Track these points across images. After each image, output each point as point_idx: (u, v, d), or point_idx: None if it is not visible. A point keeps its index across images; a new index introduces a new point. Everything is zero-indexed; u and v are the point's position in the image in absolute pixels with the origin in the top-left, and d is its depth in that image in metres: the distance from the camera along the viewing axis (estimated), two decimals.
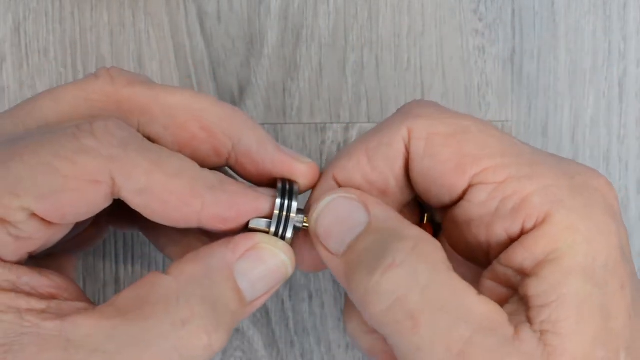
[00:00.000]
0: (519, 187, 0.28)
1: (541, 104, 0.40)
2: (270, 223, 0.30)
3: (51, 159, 0.27)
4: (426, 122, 0.29)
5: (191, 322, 0.27)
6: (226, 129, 0.30)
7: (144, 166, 0.28)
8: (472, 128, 0.29)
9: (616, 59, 0.40)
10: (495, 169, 0.28)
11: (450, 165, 0.28)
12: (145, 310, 0.27)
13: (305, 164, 0.31)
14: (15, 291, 0.27)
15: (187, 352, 0.27)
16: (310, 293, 0.39)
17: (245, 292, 0.29)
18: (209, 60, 0.39)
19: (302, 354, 0.39)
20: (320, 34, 0.39)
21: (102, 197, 0.28)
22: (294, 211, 0.30)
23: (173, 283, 0.28)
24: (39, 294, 0.28)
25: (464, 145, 0.28)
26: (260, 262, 0.29)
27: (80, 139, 0.28)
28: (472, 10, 0.39)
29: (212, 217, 0.29)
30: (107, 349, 0.27)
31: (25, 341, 0.27)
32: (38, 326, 0.27)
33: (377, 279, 0.27)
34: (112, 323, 0.27)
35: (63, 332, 0.27)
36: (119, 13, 0.39)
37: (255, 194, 0.30)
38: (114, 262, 0.39)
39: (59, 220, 0.28)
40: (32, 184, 0.27)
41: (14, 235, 0.27)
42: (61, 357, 0.27)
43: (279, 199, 0.30)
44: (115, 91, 0.30)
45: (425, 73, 0.40)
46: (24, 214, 0.27)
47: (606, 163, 0.40)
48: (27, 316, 0.27)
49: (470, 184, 0.28)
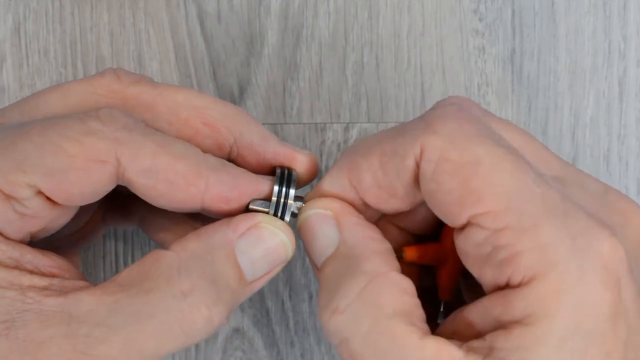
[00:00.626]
0: (513, 240, 0.26)
1: (541, 104, 0.40)
2: (270, 205, 0.30)
3: (58, 139, 0.28)
4: (440, 144, 0.27)
5: (192, 295, 0.28)
6: (228, 124, 0.31)
7: (150, 147, 0.28)
8: (485, 159, 0.27)
9: (616, 59, 0.40)
10: (496, 215, 0.26)
11: (453, 197, 0.27)
12: (147, 284, 0.28)
13: (305, 154, 0.31)
14: (18, 268, 0.28)
15: (188, 325, 0.28)
16: (310, 293, 0.39)
17: (245, 271, 0.29)
18: (209, 60, 0.39)
19: (302, 354, 0.39)
20: (320, 34, 0.39)
21: (107, 178, 0.28)
22: (291, 197, 0.30)
23: (174, 258, 0.29)
24: (41, 272, 0.28)
25: (471, 179, 0.27)
26: (260, 241, 0.30)
27: (87, 122, 0.28)
28: (472, 10, 0.39)
29: (215, 197, 0.29)
30: (109, 323, 0.27)
31: (27, 317, 0.27)
32: (40, 302, 0.27)
33: (326, 320, 0.28)
34: (115, 298, 0.28)
35: (65, 307, 0.27)
36: (119, 13, 0.39)
37: (256, 176, 0.30)
38: (114, 261, 0.39)
39: (64, 200, 0.28)
40: (40, 162, 0.28)
41: (19, 212, 0.28)
42: (64, 332, 0.27)
43: (277, 184, 0.30)
44: (121, 89, 0.30)
45: (425, 73, 0.40)
46: (30, 190, 0.28)
47: (606, 163, 0.40)
48: (30, 293, 0.27)
49: (469, 222, 0.27)
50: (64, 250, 0.33)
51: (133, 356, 0.27)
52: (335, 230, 0.30)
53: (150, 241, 0.39)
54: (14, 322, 0.27)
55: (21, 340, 0.27)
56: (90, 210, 0.34)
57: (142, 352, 0.27)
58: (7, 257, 0.28)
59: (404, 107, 0.39)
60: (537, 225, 0.26)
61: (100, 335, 0.27)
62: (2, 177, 0.27)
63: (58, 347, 0.27)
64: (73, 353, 0.27)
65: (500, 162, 0.27)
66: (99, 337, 0.27)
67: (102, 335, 0.27)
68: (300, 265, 0.39)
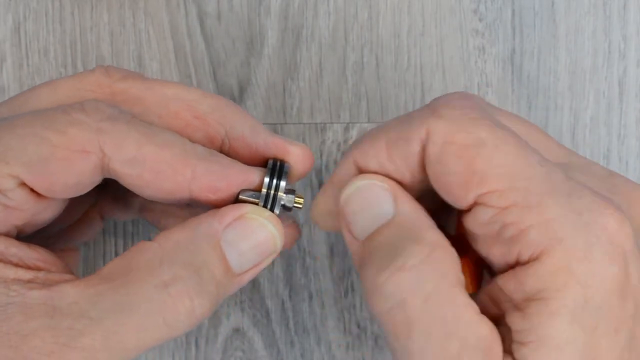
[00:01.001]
0: (519, 217, 0.27)
1: (541, 104, 0.40)
2: (259, 197, 0.30)
3: (41, 130, 0.28)
4: (445, 127, 0.28)
5: (174, 285, 0.28)
6: (218, 117, 0.31)
7: (134, 137, 0.28)
8: (488, 141, 0.27)
9: (616, 59, 0.40)
10: (501, 193, 0.27)
11: (459, 179, 0.28)
12: (130, 276, 0.28)
13: (299, 146, 0.31)
14: (2, 261, 0.28)
15: (170, 315, 0.28)
16: (310, 293, 0.39)
17: (232, 263, 0.29)
18: (209, 60, 0.39)
19: (302, 354, 0.39)
20: (320, 34, 0.39)
21: (91, 168, 0.28)
22: (282, 189, 0.30)
23: (158, 249, 0.28)
24: (26, 265, 0.28)
25: (476, 160, 0.27)
26: (247, 232, 0.29)
27: (71, 114, 0.28)
28: (472, 10, 0.39)
29: (203, 187, 0.29)
30: (92, 315, 0.27)
31: (10, 310, 0.27)
32: (24, 295, 0.27)
33: (384, 279, 0.27)
34: (98, 290, 0.27)
35: (49, 300, 0.27)
36: (119, 13, 0.39)
37: (246, 167, 0.30)
38: None
39: (47, 192, 0.28)
40: (22, 153, 0.28)
41: (2, 203, 0.28)
42: (47, 324, 0.27)
43: (268, 176, 0.30)
44: (110, 83, 0.31)
45: (425, 73, 0.40)
46: (13, 181, 0.28)
47: (606, 163, 0.40)
48: (14, 285, 0.27)
49: (476, 202, 0.28)
50: (60, 245, 0.33)
51: (115, 348, 0.27)
52: (391, 202, 0.29)
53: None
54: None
55: (4, 332, 0.27)
56: (84, 204, 0.33)
57: (124, 343, 0.27)
58: None
59: (404, 107, 0.39)
60: (543, 201, 0.27)
61: (83, 328, 0.27)
62: None
63: (41, 340, 0.27)
64: (56, 345, 0.27)
65: (503, 143, 0.28)
66: (81, 329, 0.27)
67: (84, 327, 0.27)
68: (300, 265, 0.39)
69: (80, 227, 0.34)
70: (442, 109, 0.28)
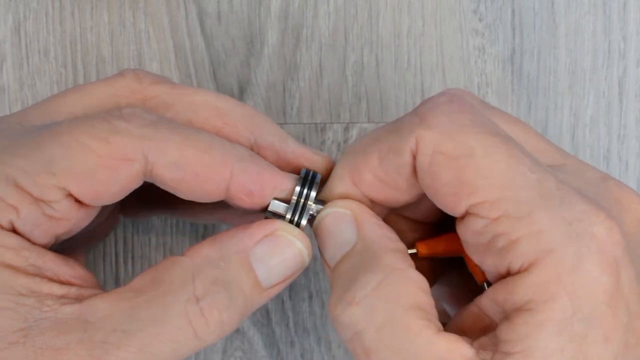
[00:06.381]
0: (510, 227, 0.27)
1: (541, 103, 0.40)
2: (288, 208, 0.30)
3: (85, 139, 0.28)
4: (434, 137, 0.28)
5: (204, 300, 0.28)
6: (249, 125, 0.31)
7: (176, 140, 0.28)
8: (477, 151, 0.27)
9: (616, 59, 0.40)
10: (492, 204, 0.27)
11: (450, 190, 0.28)
12: (162, 289, 0.28)
13: (322, 156, 0.32)
14: (39, 276, 0.28)
15: (201, 328, 0.28)
16: (310, 293, 0.39)
17: (261, 277, 0.30)
18: (209, 60, 0.39)
19: (302, 354, 0.39)
20: (320, 34, 0.39)
21: (135, 175, 0.28)
22: (312, 199, 0.30)
23: (189, 263, 0.29)
24: (59, 280, 0.28)
25: (465, 171, 0.27)
26: (276, 249, 0.30)
27: (112, 122, 0.28)
28: (472, 10, 0.39)
29: (239, 188, 0.29)
30: (125, 328, 0.27)
31: (44, 325, 0.27)
32: (57, 310, 0.27)
33: (339, 312, 0.28)
34: (130, 303, 0.28)
35: (81, 314, 0.27)
36: (119, 13, 0.39)
37: (281, 172, 0.30)
38: (114, 261, 0.39)
39: (92, 201, 0.28)
40: (68, 163, 0.27)
41: (48, 214, 0.28)
42: (80, 338, 0.27)
43: (300, 185, 0.30)
44: (141, 88, 0.31)
45: (425, 73, 0.40)
46: (60, 193, 0.28)
47: (606, 163, 0.40)
48: (47, 301, 0.27)
49: (468, 212, 0.28)
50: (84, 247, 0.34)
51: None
52: (353, 229, 0.30)
53: (150, 241, 0.39)
54: (31, 330, 0.27)
55: (38, 347, 0.27)
56: (112, 207, 0.34)
57: (158, 356, 0.27)
58: (29, 265, 0.28)
59: (404, 107, 0.39)
60: (533, 211, 0.27)
61: (116, 341, 0.27)
62: (30, 180, 0.27)
63: (75, 353, 0.27)
64: (90, 358, 0.27)
65: (493, 152, 0.27)
66: (115, 343, 0.27)
67: (118, 340, 0.27)
68: None
69: (102, 228, 0.34)
70: (430, 117, 0.28)
